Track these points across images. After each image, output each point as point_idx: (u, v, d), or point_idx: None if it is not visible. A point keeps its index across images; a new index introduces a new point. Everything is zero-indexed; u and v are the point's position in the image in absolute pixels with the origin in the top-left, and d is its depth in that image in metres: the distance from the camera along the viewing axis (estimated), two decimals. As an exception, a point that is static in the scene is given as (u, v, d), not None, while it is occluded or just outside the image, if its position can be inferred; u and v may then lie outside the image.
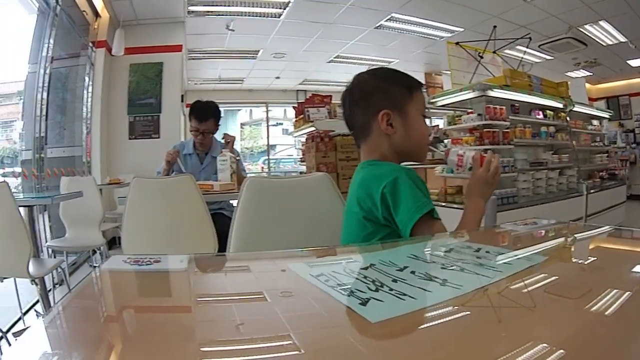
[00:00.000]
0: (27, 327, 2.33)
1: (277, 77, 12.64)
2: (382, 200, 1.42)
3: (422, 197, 1.42)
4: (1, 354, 2.87)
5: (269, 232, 1.82)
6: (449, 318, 0.65)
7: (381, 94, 1.54)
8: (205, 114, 3.58)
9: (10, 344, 2.55)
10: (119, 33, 7.25)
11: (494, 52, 6.96)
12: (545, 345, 0.51)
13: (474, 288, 0.72)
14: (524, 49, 7.59)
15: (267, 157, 15.83)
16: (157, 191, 2.67)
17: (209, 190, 2.98)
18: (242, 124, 21.77)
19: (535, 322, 0.61)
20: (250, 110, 21.07)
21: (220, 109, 3.75)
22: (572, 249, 1.15)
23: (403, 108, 1.54)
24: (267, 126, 15.38)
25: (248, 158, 19.52)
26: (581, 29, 8.62)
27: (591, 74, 11.72)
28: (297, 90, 13.99)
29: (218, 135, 3.77)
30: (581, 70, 11.48)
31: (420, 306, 0.65)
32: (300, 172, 8.52)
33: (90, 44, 7.24)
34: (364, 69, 1.69)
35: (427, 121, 1.68)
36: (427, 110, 1.68)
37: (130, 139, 7.71)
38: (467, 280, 0.75)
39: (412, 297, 0.66)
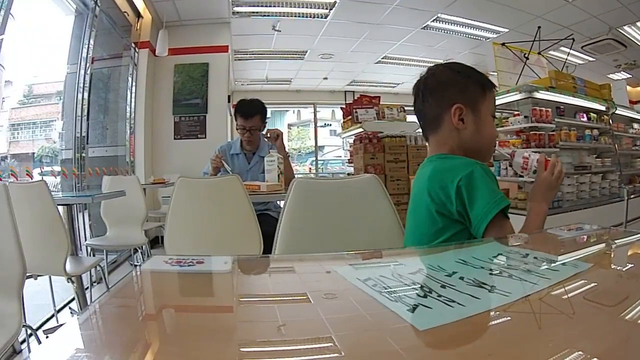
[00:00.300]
0: (60, 325, 2.37)
1: (325, 78, 12.55)
2: (457, 193, 1.40)
3: (499, 192, 1.41)
4: (29, 351, 2.91)
5: (316, 233, 1.81)
6: (497, 327, 0.66)
7: (456, 87, 1.55)
8: (250, 110, 3.57)
9: (40, 342, 2.60)
10: (163, 34, 7.32)
11: (539, 53, 6.83)
12: (580, 352, 0.52)
13: (522, 296, 0.72)
14: (568, 50, 7.45)
15: (314, 158, 15.69)
16: (203, 191, 2.67)
17: (256, 190, 2.97)
18: (289, 125, 21.66)
19: (575, 332, 0.61)
20: (298, 111, 20.99)
21: (267, 109, 3.73)
22: (613, 256, 1.14)
23: (476, 105, 1.54)
24: (315, 127, 15.28)
25: (296, 159, 19.42)
26: (620, 30, 8.44)
27: (631, 76, 11.39)
28: (345, 91, 13.88)
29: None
30: (622, 72, 11.17)
31: (469, 314, 0.63)
32: (348, 174, 8.48)
33: (133, 45, 7.34)
34: (412, 70, 1.70)
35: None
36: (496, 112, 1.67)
37: (175, 139, 7.76)
38: (515, 288, 0.75)
39: (461, 304, 0.65)
